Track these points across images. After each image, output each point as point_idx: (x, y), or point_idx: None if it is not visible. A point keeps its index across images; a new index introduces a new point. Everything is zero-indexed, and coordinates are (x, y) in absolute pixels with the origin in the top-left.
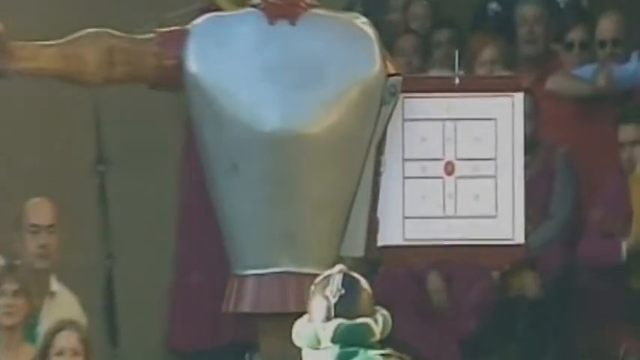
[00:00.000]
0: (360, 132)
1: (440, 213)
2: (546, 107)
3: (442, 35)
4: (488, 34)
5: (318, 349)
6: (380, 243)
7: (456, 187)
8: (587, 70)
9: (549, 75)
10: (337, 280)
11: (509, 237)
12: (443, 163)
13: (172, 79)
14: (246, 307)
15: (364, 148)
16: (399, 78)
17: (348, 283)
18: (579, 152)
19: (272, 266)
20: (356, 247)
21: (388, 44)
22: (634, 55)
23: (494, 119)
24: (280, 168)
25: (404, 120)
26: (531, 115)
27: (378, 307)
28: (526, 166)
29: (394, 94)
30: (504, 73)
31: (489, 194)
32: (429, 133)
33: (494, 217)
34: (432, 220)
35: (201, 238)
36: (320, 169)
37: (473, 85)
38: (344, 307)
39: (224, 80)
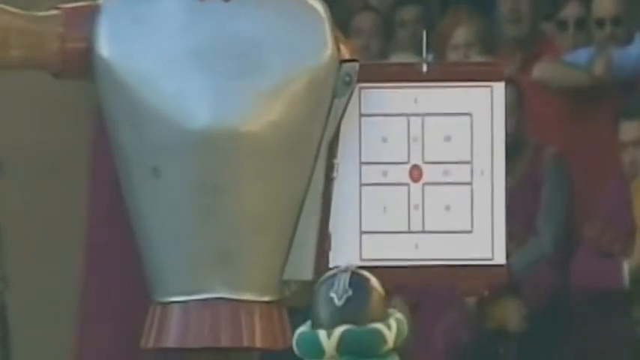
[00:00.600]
0: (307, 130)
1: (404, 227)
2: (533, 100)
3: (407, 13)
4: (462, 11)
5: (321, 359)
6: (332, 264)
7: (423, 196)
8: (582, 55)
9: (536, 61)
10: (344, 279)
11: (488, 256)
12: (408, 167)
13: (80, 65)
14: (170, 342)
15: (313, 149)
16: (355, 65)
17: (357, 282)
18: (572, 154)
19: (201, 292)
20: (303, 269)
21: (342, 24)
22: (638, 37)
23: (469, 114)
24: (211, 173)
25: (361, 115)
26: (514, 109)
27: (391, 311)
28: (508, 171)
29: (349, 84)
30: (481, 58)
31: (463, 205)
32: (392, 132)
33: (469, 232)
34: (395, 235)
35: (115, 257)
36: (259, 174)
37: (444, 74)
38: (351, 310)
39: (143, 67)
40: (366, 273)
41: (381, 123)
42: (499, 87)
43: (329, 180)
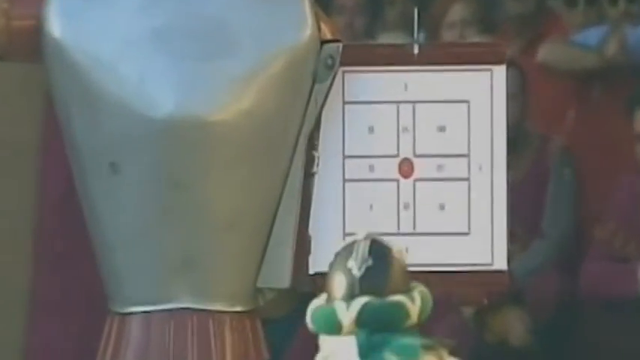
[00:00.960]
0: (284, 119)
1: (393, 228)
2: (538, 85)
3: None
4: None
5: (338, 335)
6: (313, 269)
7: (414, 193)
8: (592, 35)
9: (542, 41)
10: (363, 248)
11: (487, 261)
12: (397, 161)
13: (27, 45)
14: (128, 358)
15: (291, 140)
16: (338, 46)
17: (377, 251)
18: (581, 147)
19: (165, 301)
20: (279, 276)
21: (324, 0)
22: None
23: (467, 102)
24: (176, 168)
25: (345, 103)
26: (517, 96)
27: (415, 283)
28: (509, 165)
29: (331, 68)
30: (480, 38)
31: (460, 203)
32: (379, 121)
33: (466, 234)
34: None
35: (68, 262)
36: (230, 168)
37: (437, 56)
38: (371, 281)
39: (99, 48)
40: (387, 241)
41: (366, 111)
42: (500, 71)
43: (308, 175)
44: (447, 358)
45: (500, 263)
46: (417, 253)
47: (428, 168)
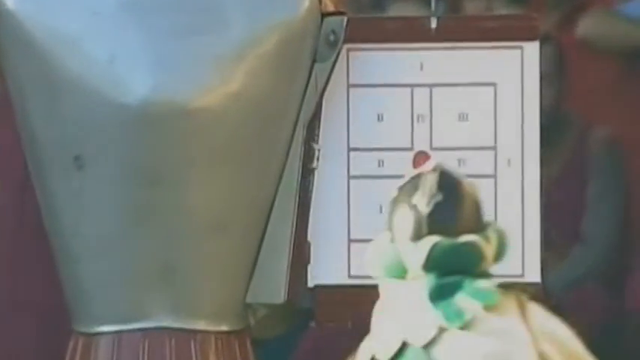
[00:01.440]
0: (279, 105)
1: None
2: (577, 65)
3: None
4: None
5: (403, 278)
6: (312, 282)
7: None
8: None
9: (583, 13)
10: (430, 181)
11: (517, 272)
12: (411, 154)
13: None
14: None
15: (287, 130)
16: (342, 19)
17: (447, 185)
18: (629, 137)
19: (138, 319)
20: (273, 289)
21: None
22: None
23: (494, 85)
24: (151, 162)
25: (350, 86)
26: (553, 77)
27: (489, 220)
28: (544, 159)
29: (334, 45)
30: (510, 10)
31: (485, 205)
32: (390, 108)
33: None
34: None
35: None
36: (215, 163)
37: (459, 31)
38: (441, 219)
39: (61, 24)
40: (459, 173)
41: (375, 96)
42: (532, 48)
43: (307, 171)
44: (528, 304)
45: (533, 275)
46: None
47: (447, 163)
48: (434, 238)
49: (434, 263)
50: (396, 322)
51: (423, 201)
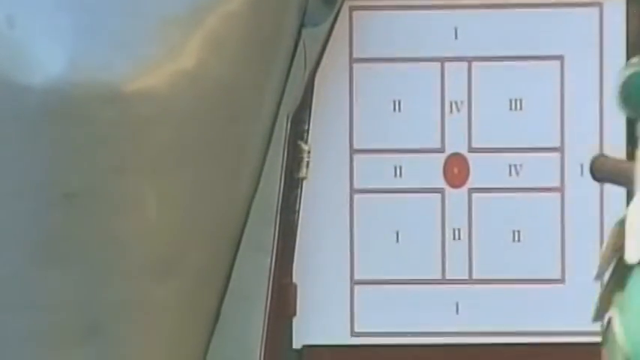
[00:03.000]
0: (251, 89)
1: (435, 273)
2: None
3: None
4: None
5: None
6: (299, 342)
7: (470, 212)
8: None
9: None
10: None
11: (592, 328)
12: (442, 158)
13: None
14: None
15: (261, 124)
16: None
17: None
18: None
19: None
20: (243, 352)
21: None
22: None
23: (560, 58)
24: (68, 168)
25: (353, 61)
26: None
27: None
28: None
29: (331, 2)
30: None
31: (547, 229)
32: (410, 91)
33: (558, 281)
34: (418, 287)
35: None
36: (162, 170)
37: None
38: None
39: None
40: None
41: (389, 75)
42: (616, 7)
43: (293, 183)
44: None
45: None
46: (474, 313)
47: (493, 170)
48: None
49: None
50: None
51: None
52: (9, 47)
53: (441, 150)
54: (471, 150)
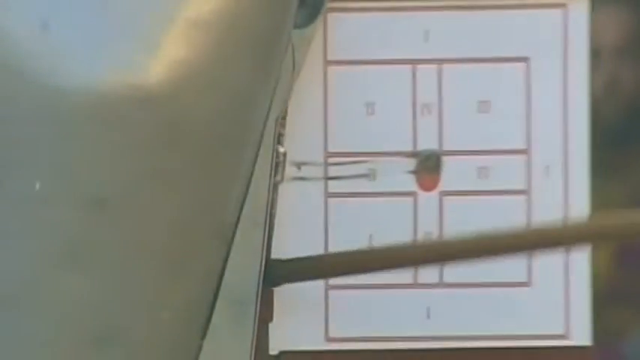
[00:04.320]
0: (262, 96)
1: (406, 277)
2: None
3: None
4: None
5: None
6: (275, 347)
7: (441, 216)
8: None
9: None
10: None
11: (559, 332)
12: (414, 161)
13: None
14: None
15: (255, 125)
16: None
17: None
18: None
19: None
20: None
21: None
22: None
23: (526, 59)
24: (104, 175)
25: (327, 63)
26: (609, 48)
27: None
28: (603, 167)
29: (319, 5)
30: None
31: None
32: (383, 94)
33: (524, 284)
34: (390, 292)
35: None
36: (189, 178)
37: None
38: None
39: None
40: None
41: (362, 78)
42: (580, 7)
43: (273, 188)
44: None
45: (581, 335)
46: (444, 317)
47: (463, 173)
48: None
49: None
50: None
51: None
52: (43, 51)
53: (414, 153)
54: (442, 153)
